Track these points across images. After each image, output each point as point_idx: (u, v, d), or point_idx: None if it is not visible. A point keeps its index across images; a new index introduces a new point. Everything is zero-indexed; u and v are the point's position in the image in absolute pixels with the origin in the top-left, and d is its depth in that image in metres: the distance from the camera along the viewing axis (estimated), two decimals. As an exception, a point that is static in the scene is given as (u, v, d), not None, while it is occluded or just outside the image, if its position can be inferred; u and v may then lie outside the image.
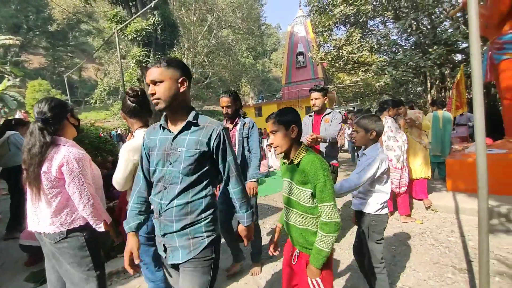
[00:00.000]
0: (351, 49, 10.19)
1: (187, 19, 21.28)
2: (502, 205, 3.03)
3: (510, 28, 3.62)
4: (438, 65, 9.10)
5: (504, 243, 2.48)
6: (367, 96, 18.06)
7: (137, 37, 10.71)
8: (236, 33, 24.30)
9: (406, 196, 3.17)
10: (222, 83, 28.25)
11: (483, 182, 1.50)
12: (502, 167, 3.42)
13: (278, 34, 49.43)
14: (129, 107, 1.61)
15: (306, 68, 18.46)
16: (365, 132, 1.71)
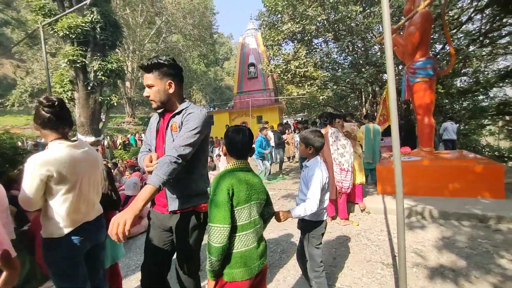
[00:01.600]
0: (298, 64, 10.95)
1: (132, 20, 19.96)
2: (418, 205, 3.57)
3: (420, 56, 4.38)
4: (370, 83, 10.46)
5: (420, 237, 2.91)
6: (313, 108, 19.52)
7: (70, 34, 9.53)
8: (187, 39, 23.76)
9: (345, 201, 3.47)
10: (172, 90, 27.05)
11: (399, 188, 1.73)
12: (417, 172, 4.06)
13: (231, 43, 50.19)
14: (43, 118, 1.41)
15: (257, 78, 19.05)
16: (305, 147, 1.88)
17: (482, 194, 3.67)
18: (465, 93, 9.99)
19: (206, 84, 28.85)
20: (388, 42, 1.68)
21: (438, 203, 3.55)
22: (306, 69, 11.33)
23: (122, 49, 19.86)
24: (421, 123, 4.52)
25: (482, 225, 3.06)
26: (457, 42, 9.15)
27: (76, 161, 1.46)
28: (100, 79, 10.32)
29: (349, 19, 9.71)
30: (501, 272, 2.16)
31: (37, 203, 1.36)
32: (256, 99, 17.62)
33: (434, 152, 4.62)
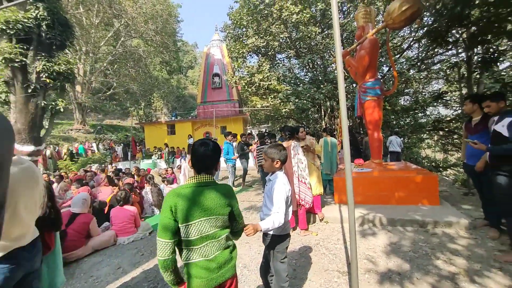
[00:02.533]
0: (262, 77, 11.26)
1: (87, 20, 18.56)
2: (370, 213, 3.84)
3: (370, 77, 4.85)
4: (329, 98, 11.19)
5: (372, 244, 3.12)
6: (277, 119, 20.14)
7: (7, 30, 8.41)
8: (148, 44, 22.82)
9: (304, 212, 3.58)
10: (130, 96, 25.50)
11: (350, 199, 1.85)
12: (369, 182, 4.40)
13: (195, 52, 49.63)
14: None
15: (221, 89, 19.05)
16: (272, 161, 1.91)
17: (421, 202, 4.12)
18: (407, 110, 11.31)
19: (168, 92, 27.77)
20: (339, 66, 1.83)
21: (387, 211, 3.87)
22: (270, 82, 11.71)
23: (73, 50, 18.21)
24: (371, 137, 4.95)
25: (422, 230, 3.41)
26: (400, 66, 10.43)
27: (12, 181, 1.26)
28: (44, 81, 9.23)
29: (309, 38, 10.40)
30: (437, 273, 2.42)
31: None
32: (220, 109, 17.54)
33: (383, 164, 5.08)
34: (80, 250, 3.29)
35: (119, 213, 3.85)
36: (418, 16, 4.10)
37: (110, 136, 21.28)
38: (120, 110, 29.17)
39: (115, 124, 27.58)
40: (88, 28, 18.81)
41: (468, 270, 2.41)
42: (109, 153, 14.60)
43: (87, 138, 17.99)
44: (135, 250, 3.52)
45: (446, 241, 3.04)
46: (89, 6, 18.45)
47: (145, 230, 4.02)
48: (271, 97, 14.50)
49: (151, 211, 5.26)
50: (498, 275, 2.29)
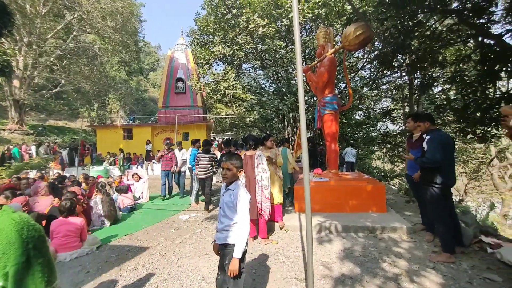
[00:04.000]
0: (227, 85, 11.28)
1: (31, 9, 16.59)
2: (326, 220, 4.05)
3: (329, 93, 5.22)
4: (291, 109, 11.67)
5: (328, 251, 3.28)
6: (241, 128, 20.25)
7: None
8: (106, 42, 21.24)
9: (265, 221, 3.62)
10: (81, 95, 23.22)
11: (308, 208, 1.94)
12: (326, 191, 4.66)
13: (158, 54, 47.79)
14: None
15: (185, 94, 18.53)
16: (236, 170, 1.94)
17: (371, 209, 4.49)
18: (361, 124, 12.38)
19: (126, 94, 26.00)
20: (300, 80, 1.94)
21: (342, 218, 4.12)
22: (235, 91, 11.78)
23: (11, 40, 16.04)
24: (329, 149, 5.28)
25: (372, 235, 3.71)
26: (354, 84, 11.44)
27: None
28: (-29, 72, 7.93)
29: (274, 51, 10.80)
30: (383, 275, 2.63)
31: None
32: (183, 115, 16.99)
33: (339, 174, 5.43)
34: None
35: (62, 225, 3.41)
36: (369, 41, 4.59)
37: (55, 138, 18.97)
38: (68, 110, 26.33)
39: (60, 125, 24.68)
40: (33, 17, 16.80)
41: (409, 271, 2.67)
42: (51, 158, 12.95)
43: (25, 140, 15.73)
44: (79, 267, 3.14)
45: (391, 245, 3.35)
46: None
47: (92, 245, 3.62)
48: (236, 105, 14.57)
49: (100, 222, 4.78)
50: (432, 274, 2.59)
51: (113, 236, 4.23)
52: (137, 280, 2.78)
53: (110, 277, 2.89)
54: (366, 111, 14.66)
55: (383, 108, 15.49)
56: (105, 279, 2.84)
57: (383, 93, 14.52)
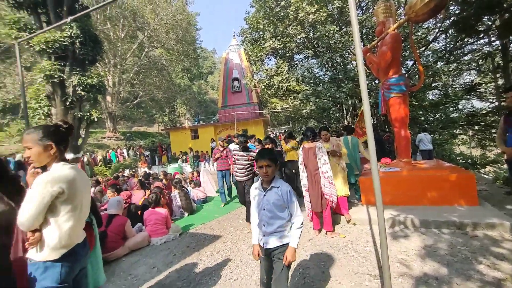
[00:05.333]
0: (281, 79, 11.27)
1: (113, 35, 19.80)
2: (400, 214, 3.70)
3: (393, 74, 4.69)
4: (350, 96, 10.92)
5: (404, 247, 3.01)
6: (297, 120, 19.99)
7: (47, 49, 9.26)
8: (170, 53, 23.82)
9: (330, 213, 3.54)
10: (155, 103, 26.72)
11: (379, 200, 1.82)
12: (398, 182, 4.24)
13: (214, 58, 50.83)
14: (61, 137, 1.54)
15: (241, 93, 19.31)
16: (275, 166, 1.80)
17: (458, 202, 3.88)
18: (437, 105, 10.69)
19: (190, 98, 28.77)
20: (360, 63, 1.81)
21: (419, 212, 3.70)
22: (289, 83, 11.69)
23: (102, 63, 19.50)
24: (398, 136, 4.76)
25: (460, 232, 3.22)
26: (425, 59, 9.89)
27: (78, 182, 1.50)
28: (80, 94, 10.02)
29: (327, 37, 10.23)
30: (480, 278, 2.28)
31: (39, 221, 1.37)
32: (241, 112, 17.78)
33: (412, 163, 4.86)
34: (118, 250, 3.53)
35: (152, 215, 4.08)
36: (442, 8, 3.89)
37: (139, 142, 22.44)
38: (146, 117, 30.71)
39: (142, 130, 29.05)
40: (115, 42, 20.07)
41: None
42: (138, 159, 15.41)
43: (118, 145, 19.14)
44: (168, 250, 3.70)
45: (488, 244, 2.85)
46: (115, 21, 19.70)
47: (175, 232, 4.20)
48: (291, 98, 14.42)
49: (180, 213, 5.48)
50: (550, 281, 2.11)
51: (191, 225, 4.81)
52: (215, 264, 3.12)
53: (192, 260, 3.32)
54: (443, 89, 12.50)
55: (465, 83, 12.93)
56: (188, 262, 3.28)
57: (465, 66, 12.08)
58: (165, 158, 16.27)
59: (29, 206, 1.33)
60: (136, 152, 17.08)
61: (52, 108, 9.93)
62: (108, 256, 3.40)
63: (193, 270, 3.05)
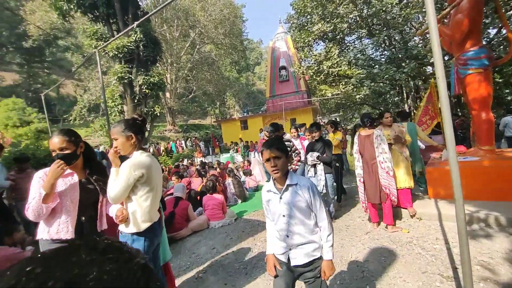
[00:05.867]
0: (331, 64, 10.66)
1: (169, 35, 21.44)
2: (480, 210, 3.20)
3: (471, 46, 3.96)
4: (412, 77, 9.70)
5: (485, 248, 2.61)
6: (349, 107, 18.76)
7: (118, 54, 10.61)
8: (219, 48, 24.76)
9: (390, 205, 3.28)
10: (207, 97, 28.35)
11: (458, 194, 1.59)
12: (476, 174, 3.65)
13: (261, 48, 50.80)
14: (138, 129, 1.77)
15: (289, 81, 18.98)
16: (286, 157, 1.47)
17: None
18: (530, 81, 8.70)
19: (239, 90, 29.68)
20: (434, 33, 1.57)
21: (505, 209, 3.14)
22: (340, 68, 11.00)
23: (161, 63, 21.43)
24: (477, 119, 4.06)
25: None
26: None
27: (154, 167, 1.75)
28: (145, 92, 11.28)
29: (384, 12, 9.19)
30: None
31: (124, 198, 1.66)
32: (289, 101, 17.53)
33: (497, 151, 4.11)
34: (183, 231, 3.95)
35: (210, 200, 4.42)
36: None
37: (194, 134, 24.31)
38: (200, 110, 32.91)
39: (196, 123, 31.32)
40: (170, 42, 21.76)
41: None
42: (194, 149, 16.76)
43: (177, 136, 21.09)
44: (225, 234, 3.98)
45: None
46: (170, 23, 21.29)
47: (231, 217, 4.48)
48: (342, 83, 13.55)
49: (234, 200, 5.80)
50: None
51: (244, 211, 5.05)
52: (269, 250, 3.23)
53: (247, 244, 3.50)
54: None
55: None
56: (244, 246, 3.47)
57: None
58: (218, 149, 17.27)
59: (117, 186, 1.60)
60: (192, 143, 18.55)
61: (124, 106, 11.44)
62: (175, 235, 3.84)
63: (248, 254, 3.22)
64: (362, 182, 3.39)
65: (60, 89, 30.45)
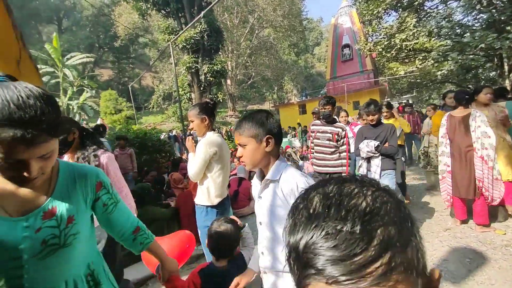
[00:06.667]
0: (405, 36, 9.31)
1: (230, 23, 22.06)
2: None
3: None
4: (520, 45, 7.67)
5: None
6: (426, 86, 16.18)
7: (186, 46, 11.56)
8: (277, 31, 24.31)
9: (483, 202, 2.77)
10: (265, 82, 28.59)
11: None
12: None
13: (321, 27, 47.62)
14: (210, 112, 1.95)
15: (353, 60, 17.43)
16: (260, 142, 1.03)
17: None
18: None
19: (297, 73, 28.86)
20: None
21: None
22: (416, 41, 9.53)
23: (223, 51, 22.41)
24: None
25: None
26: None
27: (224, 147, 1.94)
28: (209, 80, 12.12)
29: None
30: None
31: (202, 174, 1.87)
32: (352, 83, 16.21)
33: None
34: (245, 209, 4.24)
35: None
36: None
37: (253, 119, 25.12)
38: (258, 96, 33.54)
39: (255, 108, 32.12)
40: (231, 29, 22.40)
41: None
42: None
43: (237, 121, 22.18)
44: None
45: None
46: (231, 10, 21.80)
47: (290, 200, 4.58)
48: (419, 59, 11.70)
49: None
50: None
51: (304, 196, 5.07)
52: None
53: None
54: None
55: None
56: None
57: None
58: (276, 133, 17.48)
59: (196, 163, 1.82)
60: (251, 128, 19.25)
61: (192, 93, 12.57)
62: (238, 211, 4.15)
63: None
64: (449, 173, 2.91)
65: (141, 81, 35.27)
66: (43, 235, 0.75)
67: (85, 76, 22.84)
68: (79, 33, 34.40)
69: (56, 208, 0.79)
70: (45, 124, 0.64)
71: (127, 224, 1.00)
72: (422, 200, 3.99)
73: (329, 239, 0.28)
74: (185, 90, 12.38)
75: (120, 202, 0.99)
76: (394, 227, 0.28)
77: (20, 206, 0.75)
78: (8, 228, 0.72)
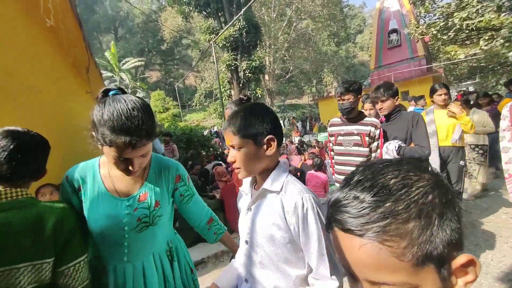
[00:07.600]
0: (467, 14, 8.23)
1: (267, 17, 22.02)
2: None
3: None
4: None
5: None
6: (492, 71, 14.04)
7: (226, 44, 11.96)
8: (316, 21, 23.46)
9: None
10: (304, 76, 27.96)
11: None
12: None
13: (364, 13, 44.42)
14: None
15: (401, 47, 15.98)
16: (258, 144, 0.86)
17: None
18: None
19: (337, 65, 27.52)
20: None
21: None
22: (481, 18, 8.36)
23: (260, 47, 22.54)
24: None
25: None
26: None
27: None
28: (248, 76, 12.39)
29: None
30: None
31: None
32: (400, 71, 14.91)
33: None
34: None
35: (313, 177, 4.58)
36: None
37: (291, 114, 24.85)
38: (296, 90, 33.02)
39: (293, 103, 31.72)
40: (268, 24, 22.34)
41: None
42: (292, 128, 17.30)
43: (275, 117, 22.23)
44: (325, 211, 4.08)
45: None
46: (268, 5, 21.72)
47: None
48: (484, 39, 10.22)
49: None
50: None
51: (345, 190, 4.94)
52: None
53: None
54: None
55: None
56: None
57: None
58: (316, 128, 17.09)
59: None
60: (290, 122, 19.11)
61: (231, 90, 13.02)
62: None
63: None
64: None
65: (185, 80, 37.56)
66: (138, 214, 0.98)
67: (137, 79, 25.27)
68: (132, 40, 38.06)
69: (148, 194, 1.02)
70: (144, 131, 0.85)
71: (202, 215, 1.17)
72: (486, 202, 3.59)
73: (348, 201, 0.39)
74: (225, 88, 12.87)
75: (195, 194, 1.17)
76: (404, 204, 0.36)
77: (125, 190, 1.00)
78: (117, 205, 0.97)
